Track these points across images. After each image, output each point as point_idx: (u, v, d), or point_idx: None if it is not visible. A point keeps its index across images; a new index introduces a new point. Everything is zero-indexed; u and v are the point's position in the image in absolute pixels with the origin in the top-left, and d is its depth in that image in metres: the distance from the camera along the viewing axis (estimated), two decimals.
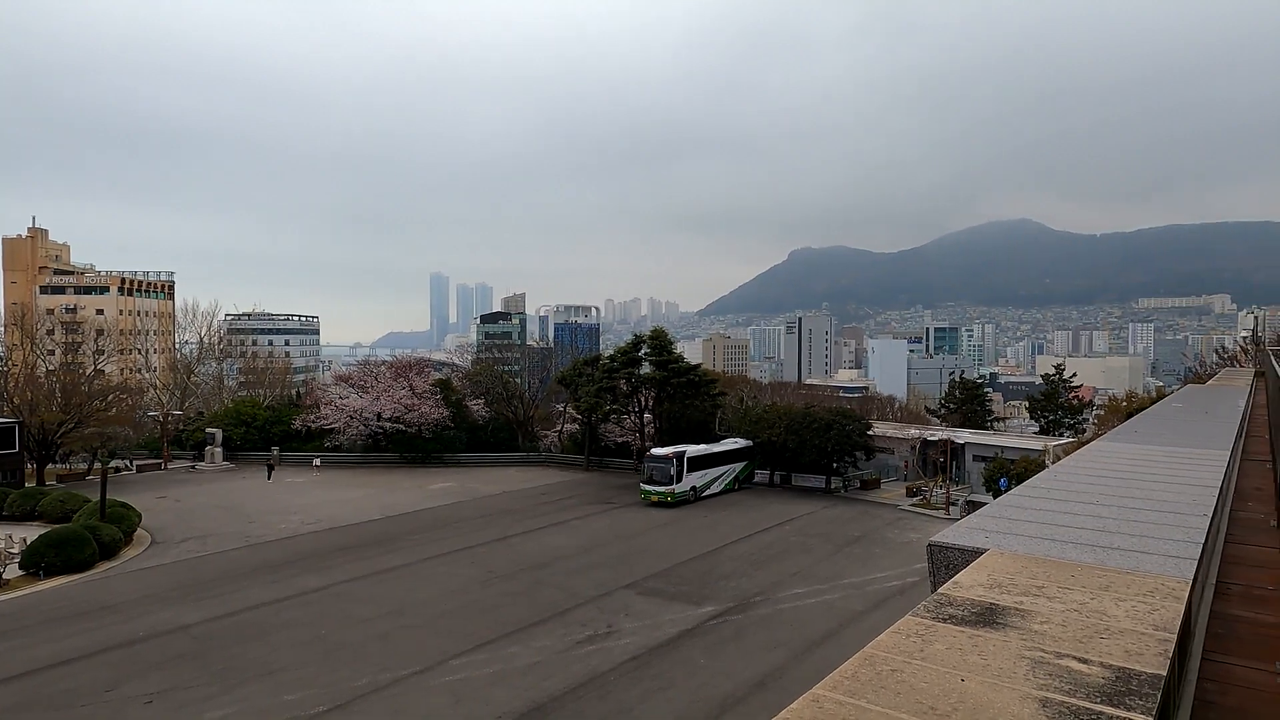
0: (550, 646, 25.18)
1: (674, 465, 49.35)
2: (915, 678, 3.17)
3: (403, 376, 68.46)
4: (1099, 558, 4.86)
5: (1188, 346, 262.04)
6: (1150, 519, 5.98)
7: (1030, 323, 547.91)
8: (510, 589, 31.63)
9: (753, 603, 29.90)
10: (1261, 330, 61.52)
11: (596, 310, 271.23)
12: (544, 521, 44.34)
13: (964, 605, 3.94)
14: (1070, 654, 3.41)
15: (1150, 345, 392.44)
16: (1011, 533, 5.42)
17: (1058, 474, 8.10)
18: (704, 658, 24.39)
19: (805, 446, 54.00)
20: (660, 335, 64.42)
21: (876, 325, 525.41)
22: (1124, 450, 9.85)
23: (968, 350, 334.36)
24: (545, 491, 53.96)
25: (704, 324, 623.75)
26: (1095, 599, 4.09)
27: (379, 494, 52.34)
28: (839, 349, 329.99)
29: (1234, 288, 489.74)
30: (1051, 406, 71.75)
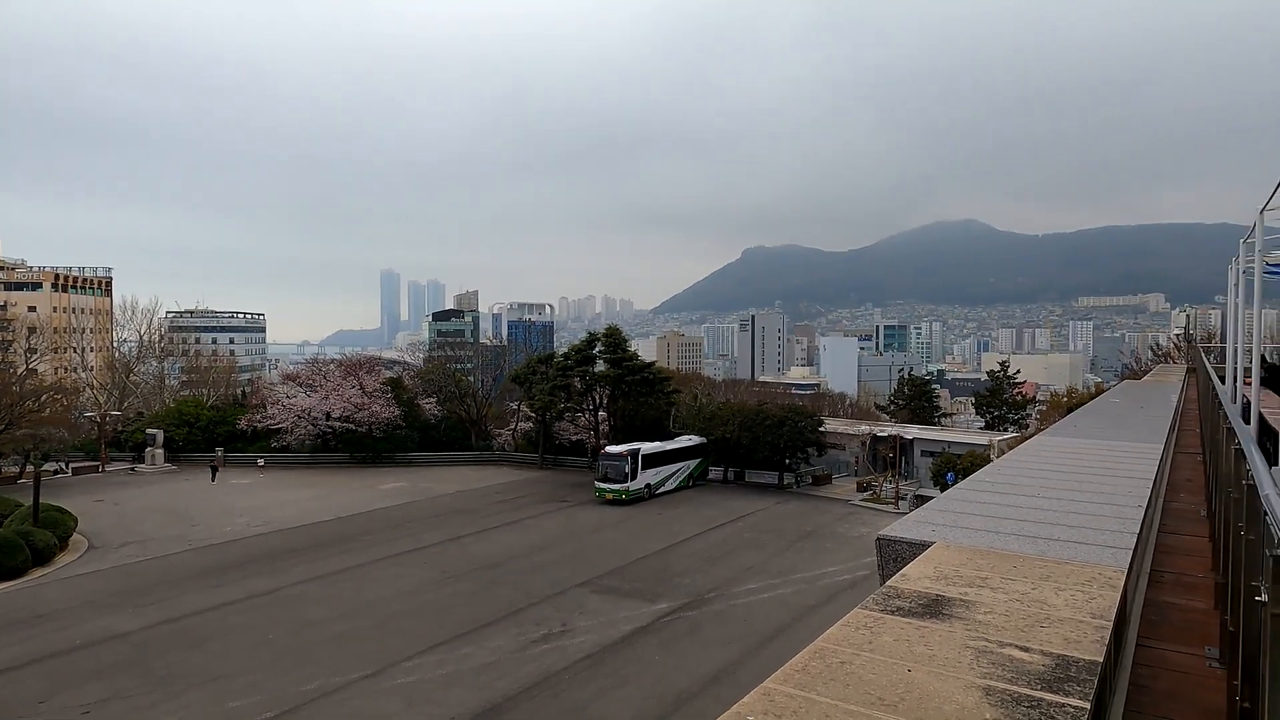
0: (504, 646, 25.02)
1: (628, 463, 49.42)
2: (864, 669, 3.22)
3: (353, 375, 67.30)
4: (1040, 549, 5.00)
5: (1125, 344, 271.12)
6: (1089, 510, 6.18)
7: (976, 320, 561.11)
8: (464, 589, 31.34)
9: (707, 599, 30.10)
10: (1193, 328, 63.97)
11: (551, 308, 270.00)
12: (498, 520, 44.01)
13: (911, 597, 4.02)
14: (1012, 643, 3.51)
15: (1090, 342, 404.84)
16: (957, 525, 5.55)
17: (1001, 468, 8.31)
18: (659, 654, 24.48)
19: (758, 443, 54.55)
20: (614, 333, 64.42)
21: (828, 323, 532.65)
22: (1064, 444, 10.16)
23: (916, 348, 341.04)
24: (499, 490, 53.58)
25: (658, 322, 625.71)
26: (1036, 589, 4.21)
27: (329, 495, 51.38)
28: (792, 347, 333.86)
29: (1168, 287, 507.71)
30: (996, 402, 73.55)
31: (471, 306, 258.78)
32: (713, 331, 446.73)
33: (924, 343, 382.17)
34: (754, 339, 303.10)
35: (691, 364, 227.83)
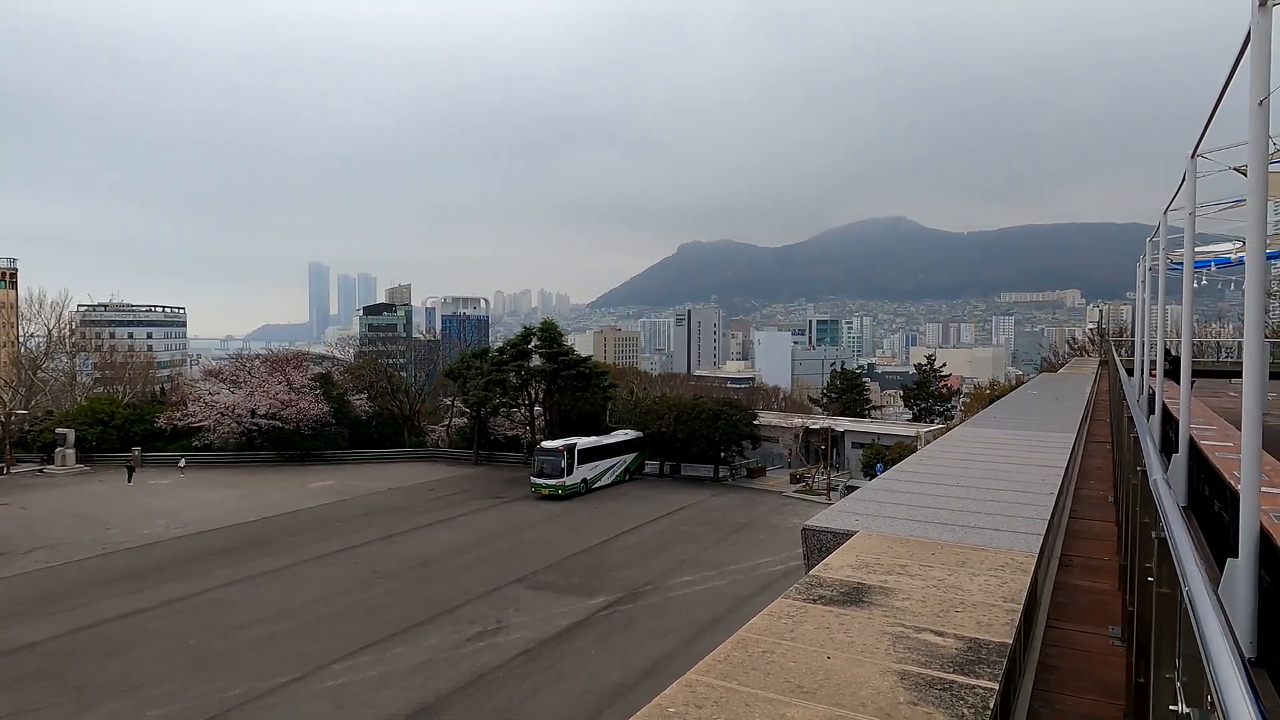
0: (438, 645, 24.67)
1: (564, 458, 49.26)
2: (785, 658, 3.29)
3: (279, 371, 65.25)
4: (958, 536, 5.17)
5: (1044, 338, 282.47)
6: (1005, 498, 6.41)
7: (905, 315, 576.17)
8: (396, 588, 30.78)
9: (643, 592, 30.23)
10: (1106, 323, 66.89)
11: (485, 302, 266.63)
12: (431, 518, 43.35)
13: (833, 586, 4.12)
14: (928, 628, 3.62)
15: (1011, 337, 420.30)
16: (880, 515, 5.70)
17: (924, 458, 8.56)
18: (595, 648, 24.49)
19: (694, 437, 55.03)
20: (550, 327, 64.04)
21: (763, 318, 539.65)
22: (983, 435, 10.52)
23: (848, 342, 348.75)
24: (433, 487, 52.76)
25: (595, 316, 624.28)
26: (953, 575, 4.35)
27: (254, 494, 49.77)
28: (727, 341, 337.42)
29: (1083, 283, 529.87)
30: (924, 395, 75.80)
31: (404, 300, 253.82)
32: (649, 326, 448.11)
33: (855, 337, 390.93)
34: (690, 334, 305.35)
35: (628, 358, 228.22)
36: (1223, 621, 2.05)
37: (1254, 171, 4.43)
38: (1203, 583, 2.39)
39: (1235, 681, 1.63)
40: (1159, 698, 2.62)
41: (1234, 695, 1.56)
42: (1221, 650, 1.86)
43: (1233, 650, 1.83)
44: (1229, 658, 1.81)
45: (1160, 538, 3.04)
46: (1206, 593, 2.30)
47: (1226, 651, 1.86)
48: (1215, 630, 2.03)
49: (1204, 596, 2.28)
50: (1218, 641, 1.92)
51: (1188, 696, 2.68)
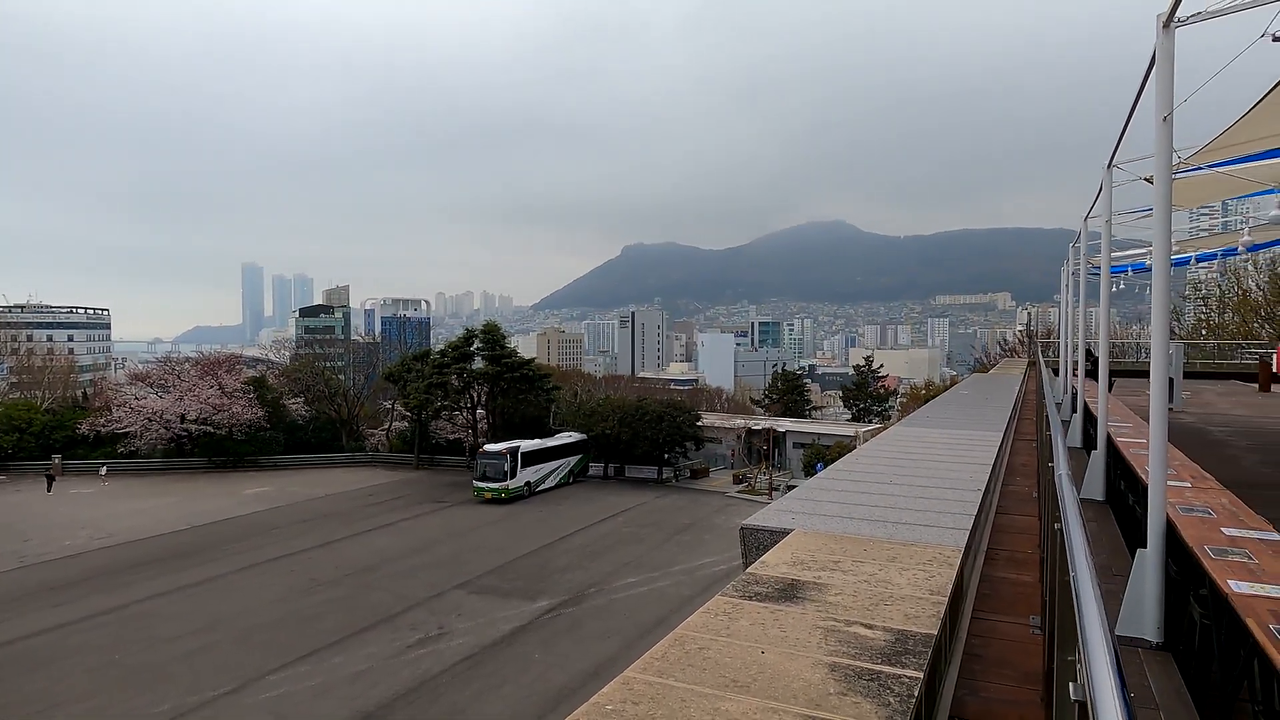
0: (379, 653, 24.25)
1: (508, 461, 48.88)
2: (721, 653, 3.36)
3: (211, 374, 63.20)
4: (889, 532, 5.34)
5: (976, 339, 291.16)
6: (935, 495, 6.63)
7: (844, 317, 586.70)
8: (335, 596, 30.13)
9: (587, 594, 30.20)
10: (1034, 325, 69.35)
11: (426, 304, 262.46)
12: (371, 524, 42.55)
13: (769, 583, 4.22)
14: (859, 621, 3.74)
15: (946, 338, 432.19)
16: (815, 513, 5.84)
17: (859, 457, 8.78)
18: (539, 652, 24.37)
19: (638, 438, 55.18)
20: (493, 329, 63.49)
21: (706, 320, 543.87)
22: (917, 434, 10.84)
23: (789, 343, 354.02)
24: (372, 492, 51.78)
25: (538, 318, 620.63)
26: (883, 570, 4.50)
27: (184, 502, 48.14)
28: (671, 343, 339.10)
29: (1014, 286, 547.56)
30: (862, 395, 77.39)
31: (342, 302, 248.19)
32: (593, 328, 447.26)
33: (796, 339, 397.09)
34: (634, 335, 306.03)
35: (572, 360, 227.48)
36: (1099, 607, 2.19)
37: (1159, 182, 4.72)
38: (1087, 571, 2.55)
39: (1104, 663, 1.75)
40: (1062, 679, 2.77)
41: (1101, 675, 1.68)
42: (1096, 635, 1.99)
43: (1106, 634, 1.96)
44: (1102, 641, 1.93)
45: (1057, 529, 3.22)
46: (1088, 581, 2.45)
47: (1100, 635, 1.99)
48: (1093, 614, 2.17)
49: (1086, 585, 2.43)
50: (1094, 627, 2.05)
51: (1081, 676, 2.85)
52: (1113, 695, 1.49)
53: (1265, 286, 42.09)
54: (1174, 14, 4.25)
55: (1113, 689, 1.47)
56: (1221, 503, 5.56)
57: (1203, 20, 4.17)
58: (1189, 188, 9.53)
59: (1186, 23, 4.29)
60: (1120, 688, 1.51)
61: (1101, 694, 1.54)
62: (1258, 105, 5.29)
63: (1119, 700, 1.46)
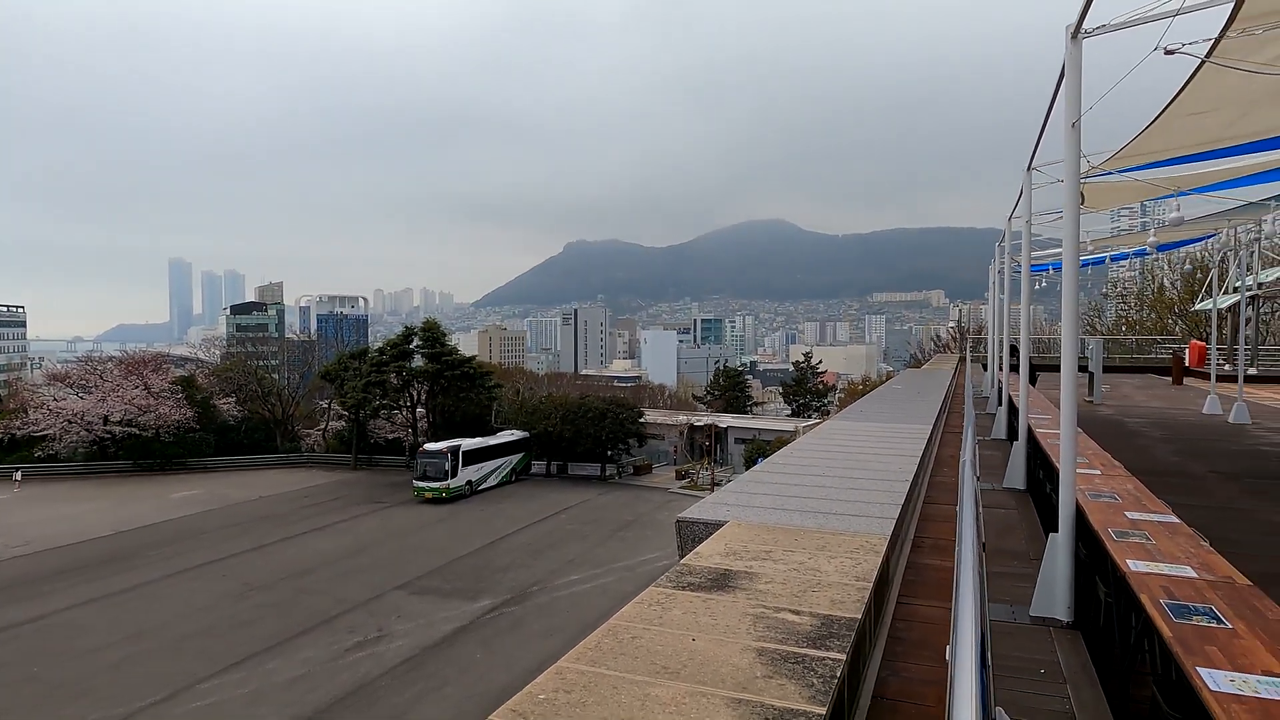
0: (316, 657, 23.76)
1: (448, 460, 48.33)
2: (653, 642, 3.44)
3: (136, 374, 60.84)
4: (820, 522, 5.50)
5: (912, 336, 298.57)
6: (865, 486, 6.84)
7: (785, 315, 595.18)
8: (269, 600, 29.39)
9: (530, 593, 30.09)
10: (966, 321, 71.54)
11: (364, 301, 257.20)
12: (307, 526, 41.60)
13: (702, 573, 4.32)
14: (787, 607, 3.87)
15: (883, 334, 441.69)
16: (750, 505, 5.97)
17: (794, 451, 8.98)
18: (480, 652, 24.20)
19: (581, 436, 55.13)
20: (433, 327, 62.61)
21: (649, 317, 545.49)
22: (850, 428, 11.12)
23: (731, 340, 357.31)
24: (308, 494, 50.60)
25: (480, 315, 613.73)
26: (813, 558, 4.64)
27: (109, 507, 46.29)
28: (614, 340, 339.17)
29: (947, 284, 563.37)
30: (802, 391, 78.66)
31: (276, 299, 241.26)
32: (536, 325, 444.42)
33: (738, 335, 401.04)
34: (577, 333, 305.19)
35: (514, 358, 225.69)
36: (973, 587, 2.34)
37: (1067, 184, 4.97)
38: (970, 554, 2.71)
39: (969, 637, 1.87)
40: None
41: (964, 654, 1.80)
42: (966, 610, 2.13)
43: (975, 610, 2.10)
44: (970, 615, 2.07)
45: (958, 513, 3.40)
46: (969, 563, 2.61)
47: (970, 609, 2.12)
48: (967, 593, 2.31)
49: (966, 567, 2.59)
50: (966, 604, 2.19)
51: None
52: (971, 665, 1.61)
53: (1178, 285, 44.23)
54: (1081, 26, 4.48)
55: (972, 660, 1.58)
56: (1127, 489, 5.88)
57: (1107, 33, 4.41)
58: (1113, 190, 9.99)
59: (1093, 34, 4.53)
60: (979, 659, 1.62)
61: (961, 665, 1.65)
62: (1157, 119, 5.61)
63: (975, 669, 1.57)
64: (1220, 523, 7.42)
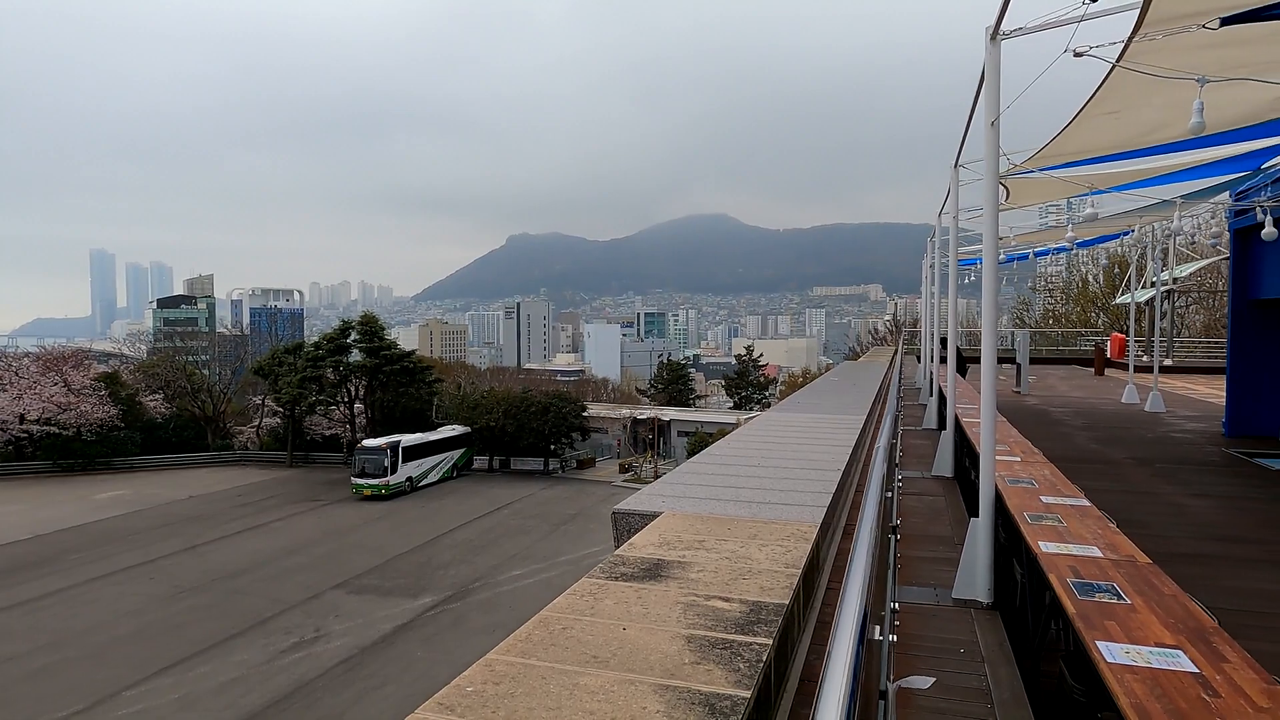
0: (250, 660, 23.19)
1: (388, 456, 47.54)
2: (584, 632, 3.47)
3: (54, 370, 58.17)
4: (753, 512, 5.59)
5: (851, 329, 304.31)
6: (799, 475, 6.97)
7: (727, 308, 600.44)
8: (201, 602, 28.54)
9: (472, 589, 29.85)
10: (902, 315, 73.26)
11: (300, 294, 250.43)
12: (241, 525, 40.48)
13: (635, 564, 4.35)
14: (718, 595, 3.93)
15: (823, 328, 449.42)
16: (685, 496, 6.04)
17: (730, 442, 9.10)
18: (422, 650, 23.94)
19: (524, 430, 54.82)
20: (371, 320, 61.42)
21: (592, 311, 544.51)
22: (787, 419, 11.31)
23: (674, 334, 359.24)
24: (242, 493, 49.21)
25: (420, 309, 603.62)
26: (744, 547, 4.72)
27: (26, 510, 44.23)
28: (557, 334, 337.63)
29: (885, 278, 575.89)
30: (744, 384, 79.51)
31: (206, 292, 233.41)
32: (477, 319, 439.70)
33: (681, 329, 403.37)
34: (519, 326, 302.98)
35: (456, 353, 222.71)
36: (863, 571, 2.44)
37: (987, 182, 5.15)
38: (866, 539, 2.82)
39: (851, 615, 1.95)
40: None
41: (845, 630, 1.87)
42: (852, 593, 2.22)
43: (860, 598, 2.18)
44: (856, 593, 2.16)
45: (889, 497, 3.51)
46: (863, 547, 2.72)
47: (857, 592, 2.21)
48: (856, 574, 2.40)
49: (860, 550, 2.69)
50: (854, 588, 2.28)
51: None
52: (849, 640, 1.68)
53: (1101, 279, 46.04)
54: (999, 28, 4.64)
55: (851, 635, 1.64)
56: (1044, 474, 6.13)
57: (1024, 35, 4.57)
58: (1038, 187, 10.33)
59: (1011, 36, 4.69)
60: (857, 641, 1.69)
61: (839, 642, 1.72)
62: (1074, 119, 5.83)
63: (852, 645, 1.64)
64: (1133, 505, 7.80)
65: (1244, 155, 8.62)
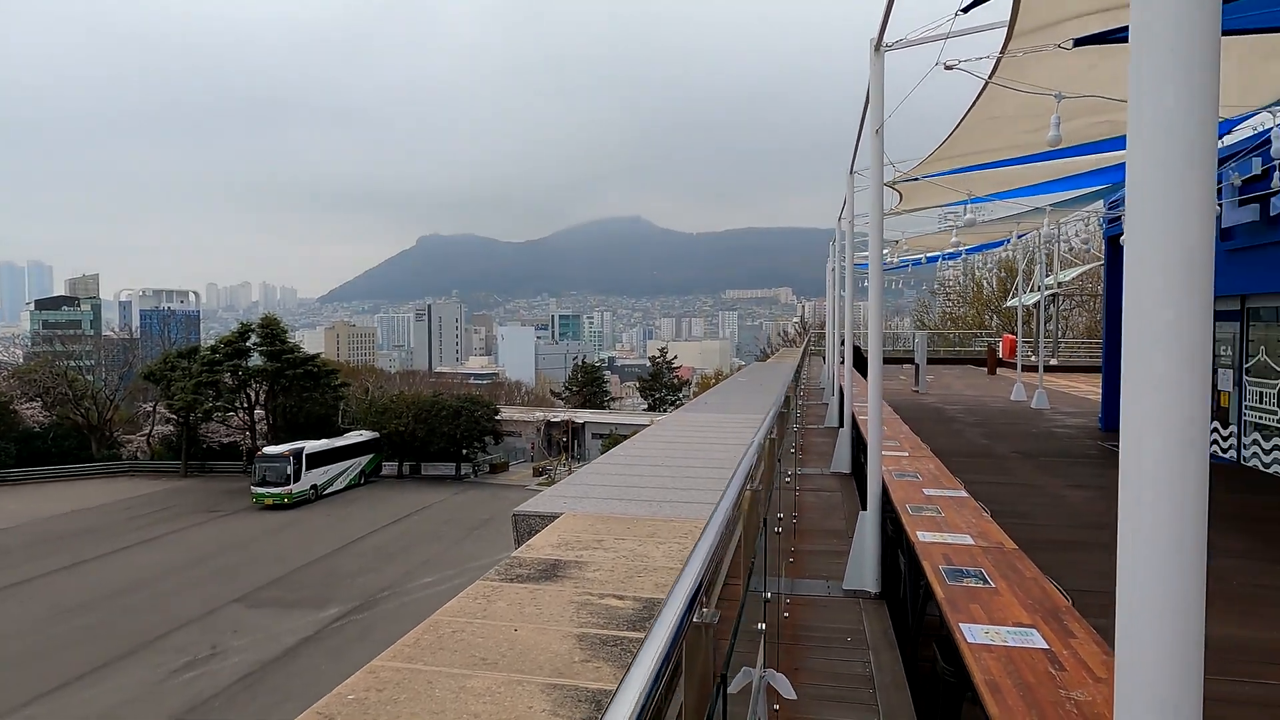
0: (140, 681, 22.00)
1: (290, 464, 45.83)
2: (474, 635, 3.44)
3: None
4: (653, 510, 5.64)
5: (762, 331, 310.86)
6: (701, 474, 7.07)
7: (642, 310, 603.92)
8: (86, 623, 26.88)
9: (380, 599, 29.11)
10: (810, 317, 75.36)
11: (196, 295, 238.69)
12: (132, 539, 38.31)
13: (531, 565, 4.34)
14: (612, 594, 3.96)
15: (735, 330, 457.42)
16: (587, 496, 6.04)
17: (637, 442, 9.17)
18: (327, 663, 23.19)
19: (434, 435, 53.79)
20: (272, 323, 59.06)
21: (506, 313, 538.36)
22: (694, 419, 11.47)
23: (589, 336, 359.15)
24: (131, 505, 46.56)
25: (327, 311, 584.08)
26: (642, 545, 4.77)
27: None
28: (470, 336, 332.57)
29: (795, 282, 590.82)
30: (658, 385, 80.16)
31: (90, 293, 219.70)
32: (387, 321, 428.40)
33: (597, 331, 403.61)
34: (431, 329, 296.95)
35: (364, 356, 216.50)
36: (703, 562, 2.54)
37: (872, 189, 5.37)
38: (712, 536, 2.94)
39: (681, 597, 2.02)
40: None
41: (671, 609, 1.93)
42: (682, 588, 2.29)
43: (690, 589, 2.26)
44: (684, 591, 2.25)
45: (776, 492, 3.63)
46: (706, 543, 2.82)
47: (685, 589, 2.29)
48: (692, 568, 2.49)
49: (704, 544, 2.79)
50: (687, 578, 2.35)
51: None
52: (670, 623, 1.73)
53: (994, 283, 48.44)
54: (881, 40, 4.84)
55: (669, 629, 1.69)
56: (929, 468, 6.42)
57: (904, 47, 4.79)
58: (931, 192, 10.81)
59: (893, 48, 4.91)
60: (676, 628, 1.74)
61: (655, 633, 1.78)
62: (954, 132, 6.14)
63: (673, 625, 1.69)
64: (1015, 496, 8.25)
65: (1116, 165, 9.24)
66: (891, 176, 8.25)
